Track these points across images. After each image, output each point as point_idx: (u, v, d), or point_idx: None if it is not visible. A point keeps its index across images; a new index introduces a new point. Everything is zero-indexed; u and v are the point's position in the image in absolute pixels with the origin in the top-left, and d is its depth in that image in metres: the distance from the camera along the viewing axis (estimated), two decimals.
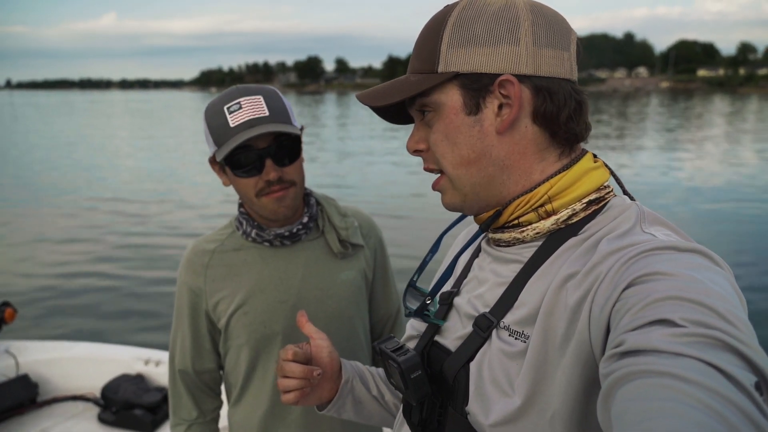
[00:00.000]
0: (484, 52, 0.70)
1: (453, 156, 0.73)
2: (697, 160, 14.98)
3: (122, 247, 7.35)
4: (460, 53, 0.70)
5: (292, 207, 1.20)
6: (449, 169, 0.74)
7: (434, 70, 0.72)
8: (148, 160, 16.61)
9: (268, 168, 1.15)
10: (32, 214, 9.48)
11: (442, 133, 0.73)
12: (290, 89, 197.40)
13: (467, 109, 0.71)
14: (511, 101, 0.69)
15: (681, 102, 53.97)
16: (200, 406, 1.33)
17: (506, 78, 0.69)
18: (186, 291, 1.29)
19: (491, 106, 0.70)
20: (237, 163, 1.15)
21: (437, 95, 0.72)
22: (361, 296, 1.34)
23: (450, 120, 0.72)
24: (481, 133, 0.71)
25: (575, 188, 0.71)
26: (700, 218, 8.76)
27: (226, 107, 1.14)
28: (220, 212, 9.14)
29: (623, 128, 25.08)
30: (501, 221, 0.75)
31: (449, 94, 0.71)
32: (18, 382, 2.58)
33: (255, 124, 1.12)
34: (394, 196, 10.34)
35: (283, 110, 1.17)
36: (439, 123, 0.73)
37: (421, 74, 0.73)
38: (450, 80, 0.71)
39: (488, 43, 0.70)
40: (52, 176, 13.59)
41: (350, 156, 16.50)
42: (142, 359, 2.74)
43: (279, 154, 1.16)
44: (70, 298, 5.62)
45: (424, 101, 0.73)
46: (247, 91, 1.16)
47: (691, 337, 0.48)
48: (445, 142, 0.73)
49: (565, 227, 0.71)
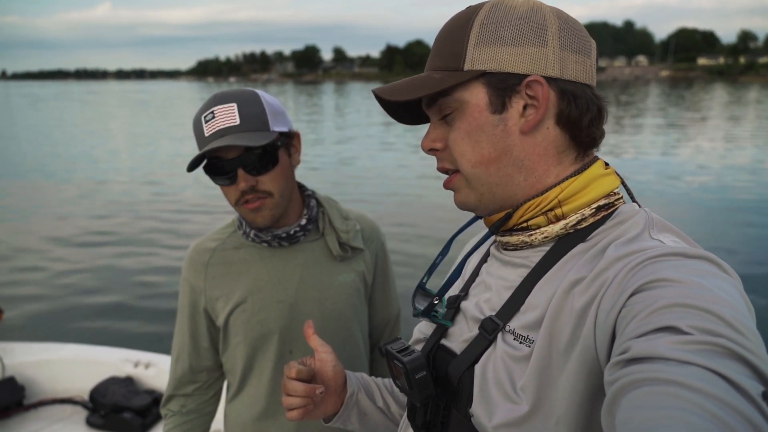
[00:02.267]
0: (512, 51, 0.70)
1: (473, 154, 0.72)
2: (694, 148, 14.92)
3: (112, 247, 7.26)
4: (487, 52, 0.70)
5: (270, 217, 1.19)
6: (467, 168, 0.74)
7: (459, 67, 0.71)
8: (145, 156, 16.51)
9: (239, 178, 1.14)
10: (21, 213, 9.40)
11: (464, 131, 0.72)
12: (288, 79, 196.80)
13: (492, 107, 0.71)
14: (537, 102, 0.70)
15: (681, 90, 53.88)
16: (194, 401, 1.35)
17: (535, 78, 0.69)
18: (187, 288, 1.30)
19: (516, 105, 0.71)
20: (214, 171, 1.16)
21: (461, 93, 0.72)
22: (359, 299, 1.34)
23: (474, 118, 0.71)
24: (505, 132, 0.71)
25: (585, 193, 0.71)
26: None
27: (203, 116, 1.15)
28: (212, 215, 9.07)
29: (620, 117, 25.01)
30: (510, 224, 0.75)
31: (474, 92, 0.71)
32: (4, 384, 2.54)
33: (224, 134, 1.12)
34: (394, 194, 10.29)
35: (257, 117, 1.15)
36: (462, 121, 0.72)
37: (444, 71, 0.72)
38: (476, 78, 0.71)
39: (516, 43, 0.70)
40: (42, 173, 13.50)
41: (350, 145, 16.42)
42: (132, 361, 2.69)
43: (253, 163, 1.14)
44: (57, 299, 5.56)
45: (446, 99, 0.73)
46: (223, 98, 1.15)
47: (697, 344, 0.48)
48: (467, 140, 0.72)
49: (573, 232, 0.71)
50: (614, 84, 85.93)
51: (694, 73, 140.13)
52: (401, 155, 14.56)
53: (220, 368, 1.35)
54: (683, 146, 15.73)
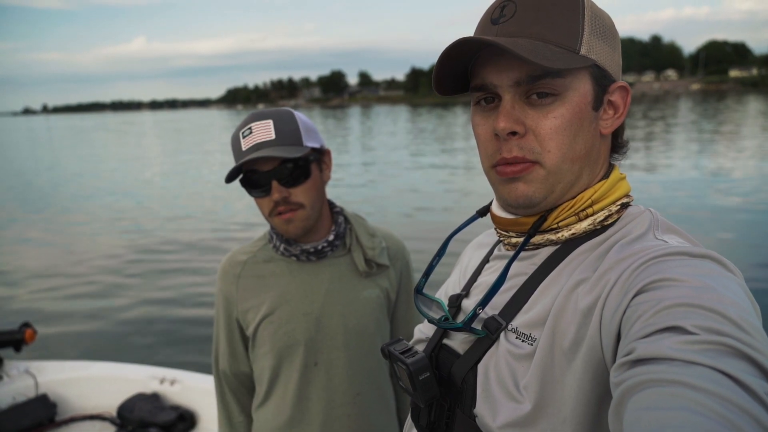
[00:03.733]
0: (609, 51, 0.70)
1: (568, 148, 0.68)
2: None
3: (140, 265, 7.47)
4: (598, 44, 0.68)
5: (301, 228, 1.26)
6: (555, 161, 0.68)
7: (575, 50, 0.66)
8: (175, 178, 16.96)
9: (273, 189, 1.21)
10: (56, 234, 9.74)
11: (565, 121, 0.66)
12: (314, 104, 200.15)
13: (594, 103, 0.69)
14: (618, 107, 0.71)
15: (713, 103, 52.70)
16: (244, 408, 1.41)
17: (625, 85, 0.71)
18: (222, 299, 1.36)
19: (605, 106, 0.71)
20: (250, 184, 1.24)
21: (572, 78, 0.66)
22: (382, 315, 1.37)
23: (579, 109, 0.67)
24: (595, 131, 0.71)
25: (611, 193, 0.72)
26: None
27: (240, 132, 1.23)
28: (240, 229, 9.22)
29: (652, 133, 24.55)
30: (544, 226, 0.73)
31: (583, 81, 0.67)
32: (37, 401, 2.62)
33: (260, 148, 1.19)
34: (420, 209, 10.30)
35: (293, 132, 1.22)
36: (563, 109, 0.66)
37: (559, 48, 0.65)
38: (587, 67, 0.68)
39: (611, 44, 0.70)
40: (77, 194, 13.99)
41: (375, 167, 16.55)
42: (158, 378, 2.75)
43: (286, 176, 1.21)
44: (88, 318, 5.72)
45: (554, 80, 0.66)
46: (260, 116, 1.24)
47: (703, 344, 0.47)
48: (566, 132, 0.67)
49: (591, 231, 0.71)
50: (643, 99, 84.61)
51: (727, 86, 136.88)
52: (429, 173, 14.59)
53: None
54: (721, 158, 15.32)
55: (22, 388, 2.66)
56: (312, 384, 1.30)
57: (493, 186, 0.75)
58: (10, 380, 2.67)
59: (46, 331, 5.00)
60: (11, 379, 2.68)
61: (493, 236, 0.91)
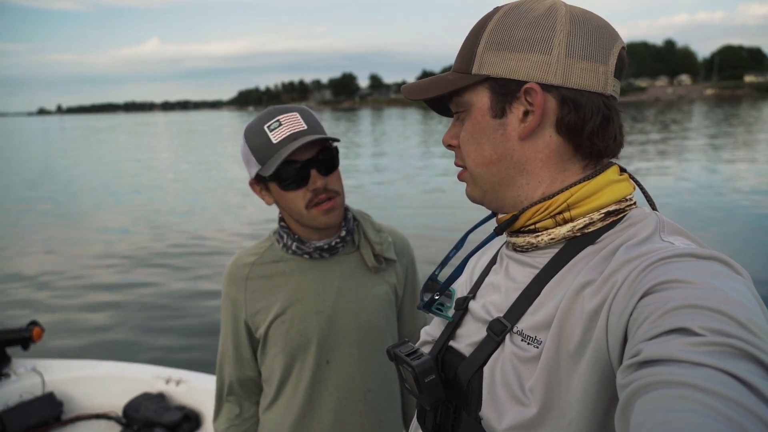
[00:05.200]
0: (516, 57, 0.71)
1: (476, 155, 0.75)
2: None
3: (148, 267, 7.51)
4: (493, 57, 0.72)
5: (339, 216, 1.27)
6: (471, 166, 0.77)
7: (468, 70, 0.74)
8: (191, 179, 17.07)
9: (313, 178, 1.20)
10: (65, 233, 9.82)
11: (469, 132, 0.76)
12: (325, 106, 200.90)
13: (493, 112, 0.73)
14: (534, 109, 0.71)
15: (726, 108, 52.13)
16: (241, 408, 1.39)
17: (531, 86, 0.70)
18: (228, 302, 1.35)
19: (516, 111, 0.72)
20: (283, 176, 1.20)
21: (469, 95, 0.75)
22: (391, 310, 1.38)
23: (477, 121, 0.74)
24: (504, 137, 0.73)
25: (595, 198, 0.71)
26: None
27: (266, 126, 1.21)
28: (246, 232, 9.25)
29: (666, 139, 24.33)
30: (517, 225, 0.76)
31: (479, 95, 0.74)
32: (44, 400, 2.63)
33: (298, 137, 1.19)
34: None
35: (318, 124, 1.25)
36: (468, 122, 0.75)
37: (458, 73, 0.76)
38: (481, 82, 0.73)
39: (521, 49, 0.71)
40: (89, 194, 14.11)
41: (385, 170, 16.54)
42: (163, 378, 2.75)
43: (322, 163, 1.22)
44: (95, 317, 5.75)
45: (459, 99, 0.76)
46: (284, 109, 1.24)
47: (710, 346, 0.47)
48: (471, 141, 0.75)
49: (581, 236, 0.71)
50: (656, 104, 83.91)
51: (742, 91, 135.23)
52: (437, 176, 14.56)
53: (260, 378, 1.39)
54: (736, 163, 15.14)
55: (29, 386, 2.67)
56: (324, 382, 1.30)
57: None
58: (18, 378, 2.68)
59: (53, 329, 5.04)
60: (18, 377, 2.69)
61: (500, 239, 0.92)
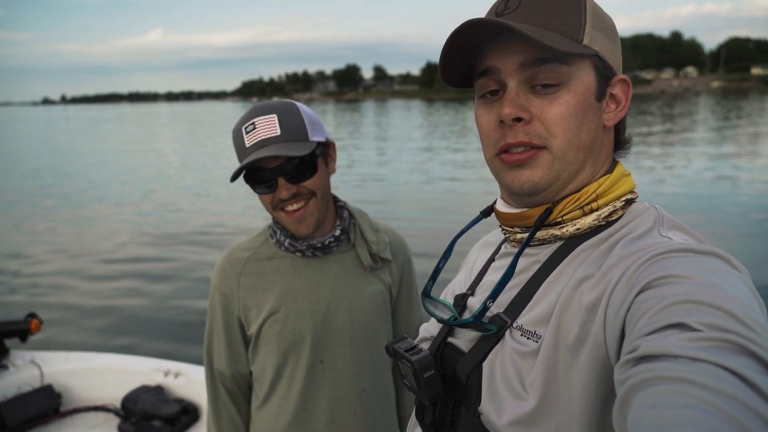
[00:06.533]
0: (610, 45, 0.71)
1: (573, 135, 0.68)
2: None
3: (148, 257, 7.52)
4: (601, 37, 0.70)
5: (314, 224, 1.23)
6: (561, 146, 0.68)
7: (578, 39, 0.67)
8: (193, 170, 17.06)
9: (280, 187, 1.18)
10: (66, 224, 9.83)
11: (572, 108, 0.67)
12: (329, 97, 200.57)
13: (597, 93, 0.70)
14: (620, 101, 0.72)
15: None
16: (240, 411, 1.36)
17: (626, 78, 0.71)
18: (219, 296, 1.32)
19: (607, 98, 0.71)
20: (255, 180, 1.20)
21: (576, 68, 0.68)
22: (386, 309, 1.36)
23: (584, 98, 0.68)
24: (599, 122, 0.71)
25: (616, 188, 0.72)
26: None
27: (243, 127, 1.18)
28: (246, 225, 9.24)
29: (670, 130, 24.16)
30: (550, 219, 0.73)
31: (586, 71, 0.69)
32: (42, 392, 2.63)
33: (265, 145, 1.15)
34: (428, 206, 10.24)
35: (298, 127, 1.19)
36: (568, 96, 0.68)
37: (562, 36, 0.67)
38: (589, 57, 0.69)
39: (612, 39, 0.72)
40: (91, 185, 14.12)
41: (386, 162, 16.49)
42: (162, 371, 2.75)
43: (294, 172, 1.18)
44: (94, 309, 5.76)
45: (559, 67, 0.67)
46: (263, 110, 1.19)
47: (707, 341, 0.47)
48: (572, 119, 0.68)
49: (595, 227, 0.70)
50: (662, 96, 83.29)
51: (748, 84, 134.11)
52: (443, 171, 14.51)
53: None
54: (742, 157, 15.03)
55: (28, 378, 2.66)
56: (318, 382, 1.27)
57: (497, 175, 0.74)
58: (16, 370, 2.68)
59: (52, 321, 5.05)
60: (17, 368, 2.69)
61: (498, 235, 0.90)
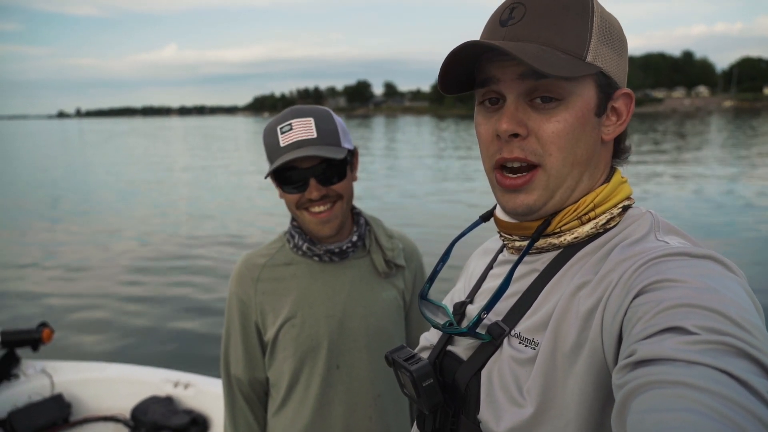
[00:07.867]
0: (616, 58, 0.69)
1: (569, 153, 0.68)
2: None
3: (159, 270, 7.55)
4: (605, 51, 0.68)
5: (337, 226, 1.25)
6: (557, 165, 0.68)
7: (582, 56, 0.66)
8: (205, 182, 17.19)
9: (311, 188, 1.20)
10: (78, 235, 9.90)
11: (569, 125, 0.67)
12: (340, 113, 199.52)
13: (597, 109, 0.69)
14: (621, 114, 0.71)
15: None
16: (257, 417, 1.36)
17: (629, 92, 0.70)
18: (236, 302, 1.33)
19: (608, 113, 0.71)
20: (285, 179, 1.23)
21: (576, 84, 0.67)
22: (399, 315, 1.38)
23: (582, 115, 0.68)
24: (597, 137, 0.70)
25: (613, 196, 0.72)
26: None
27: (279, 127, 1.22)
28: (258, 240, 9.26)
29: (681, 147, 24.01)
30: (548, 230, 0.73)
31: (587, 87, 0.68)
32: (52, 401, 2.62)
33: (302, 146, 1.19)
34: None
35: (332, 133, 1.23)
36: (566, 114, 0.67)
37: (566, 54, 0.66)
38: (592, 74, 0.68)
39: (619, 51, 0.70)
40: (105, 196, 14.24)
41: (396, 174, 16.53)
42: (172, 381, 2.74)
43: (324, 174, 1.21)
44: (105, 319, 5.77)
45: (558, 84, 0.66)
46: (300, 112, 1.23)
47: (704, 344, 0.47)
48: (570, 137, 0.67)
49: (592, 235, 0.71)
50: (673, 116, 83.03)
51: (761, 104, 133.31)
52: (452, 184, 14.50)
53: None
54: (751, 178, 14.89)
55: (38, 387, 2.66)
56: (334, 387, 1.28)
57: (493, 191, 0.75)
58: (27, 379, 2.68)
59: (63, 331, 5.07)
60: (28, 378, 2.69)
61: (497, 242, 0.90)
